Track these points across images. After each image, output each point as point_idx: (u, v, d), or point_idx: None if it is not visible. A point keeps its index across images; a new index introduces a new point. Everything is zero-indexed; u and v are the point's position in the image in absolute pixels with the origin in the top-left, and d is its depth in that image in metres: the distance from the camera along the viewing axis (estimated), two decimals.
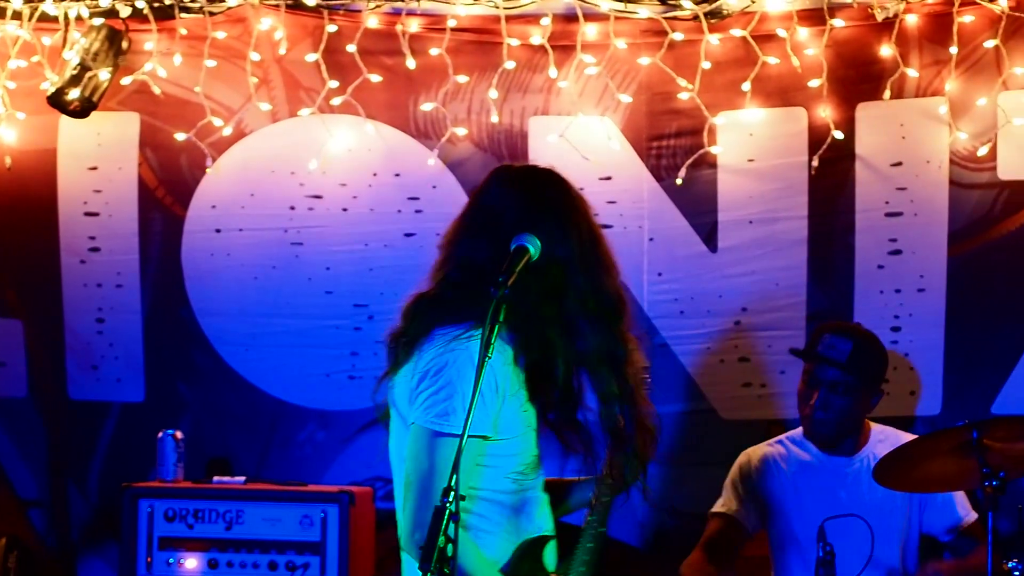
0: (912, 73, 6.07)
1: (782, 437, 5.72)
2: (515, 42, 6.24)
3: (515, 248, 4.01)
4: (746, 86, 6.13)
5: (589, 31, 6.19)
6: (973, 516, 5.53)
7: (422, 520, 3.63)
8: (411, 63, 6.27)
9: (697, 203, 6.24)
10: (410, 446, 3.78)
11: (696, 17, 6.13)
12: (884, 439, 5.54)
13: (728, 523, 5.63)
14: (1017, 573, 4.88)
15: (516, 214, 3.89)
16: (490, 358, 3.82)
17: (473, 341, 3.74)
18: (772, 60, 6.12)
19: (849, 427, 5.50)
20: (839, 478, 5.53)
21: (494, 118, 6.29)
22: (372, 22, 6.27)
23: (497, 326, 3.78)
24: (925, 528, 5.57)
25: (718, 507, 5.67)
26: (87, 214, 6.51)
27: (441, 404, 3.75)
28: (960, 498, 5.55)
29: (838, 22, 6.08)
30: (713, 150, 6.20)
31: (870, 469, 5.17)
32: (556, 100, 6.30)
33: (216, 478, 6.04)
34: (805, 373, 5.51)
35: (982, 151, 6.05)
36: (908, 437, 5.54)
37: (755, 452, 5.71)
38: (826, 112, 6.11)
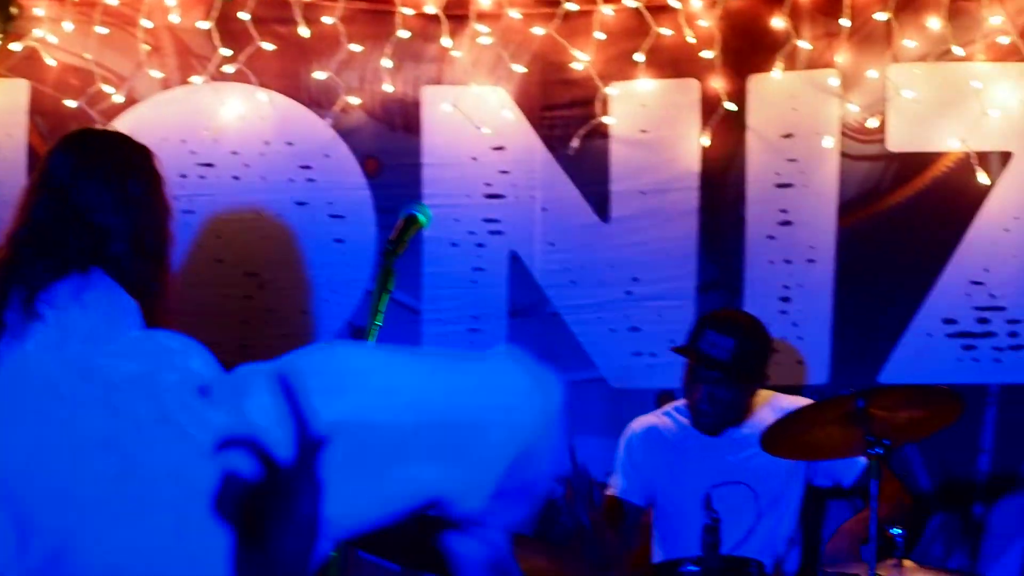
0: (804, 45, 6.11)
1: (669, 407, 5.74)
2: (409, 11, 6.23)
3: (405, 216, 4.03)
4: (639, 57, 6.15)
5: (483, 0, 6.18)
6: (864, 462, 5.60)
7: None
8: (304, 32, 6.25)
9: (590, 173, 6.26)
10: None
11: None
12: (770, 403, 5.59)
13: (619, 504, 5.64)
14: (900, 540, 4.93)
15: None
16: (379, 325, 3.85)
17: None
18: (665, 31, 6.14)
19: (734, 415, 5.54)
20: (727, 445, 5.55)
21: (387, 87, 6.28)
22: None
23: (385, 294, 3.83)
24: (826, 482, 5.60)
25: (611, 487, 5.68)
26: None
27: None
28: None
29: None
30: (606, 121, 6.22)
31: (757, 435, 5.18)
32: (450, 70, 6.30)
33: None
34: (689, 365, 5.53)
35: (872, 123, 6.10)
36: (794, 401, 5.59)
37: (637, 426, 5.72)
38: (718, 84, 6.14)
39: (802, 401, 5.60)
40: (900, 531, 4.93)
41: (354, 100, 6.29)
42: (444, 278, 6.30)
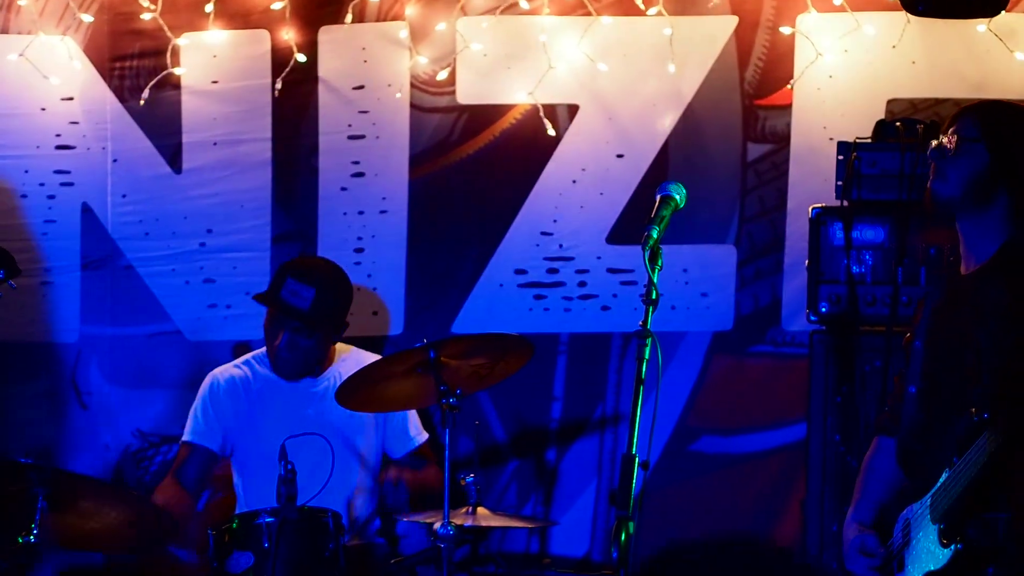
0: None
1: (248, 357, 5.74)
2: None
3: None
4: (209, 7, 6.13)
5: None
6: (424, 437, 5.67)
7: None
8: None
9: (161, 124, 6.24)
10: None
11: None
12: (348, 358, 5.63)
13: (196, 450, 5.61)
14: (473, 488, 5.00)
15: None
16: None
17: None
18: None
19: (314, 362, 5.57)
20: (305, 398, 5.57)
21: None
22: None
23: None
24: (384, 447, 5.68)
25: (186, 434, 5.65)
26: None
27: None
28: (414, 419, 5.67)
29: None
30: (176, 71, 6.19)
31: (335, 389, 5.20)
32: (16, 19, 6.21)
33: None
34: (270, 311, 5.54)
35: (442, 75, 6.17)
36: (372, 356, 5.62)
37: (220, 375, 5.70)
38: (289, 35, 6.15)
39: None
40: (472, 479, 5.00)
41: None
42: (14, 230, 6.20)
